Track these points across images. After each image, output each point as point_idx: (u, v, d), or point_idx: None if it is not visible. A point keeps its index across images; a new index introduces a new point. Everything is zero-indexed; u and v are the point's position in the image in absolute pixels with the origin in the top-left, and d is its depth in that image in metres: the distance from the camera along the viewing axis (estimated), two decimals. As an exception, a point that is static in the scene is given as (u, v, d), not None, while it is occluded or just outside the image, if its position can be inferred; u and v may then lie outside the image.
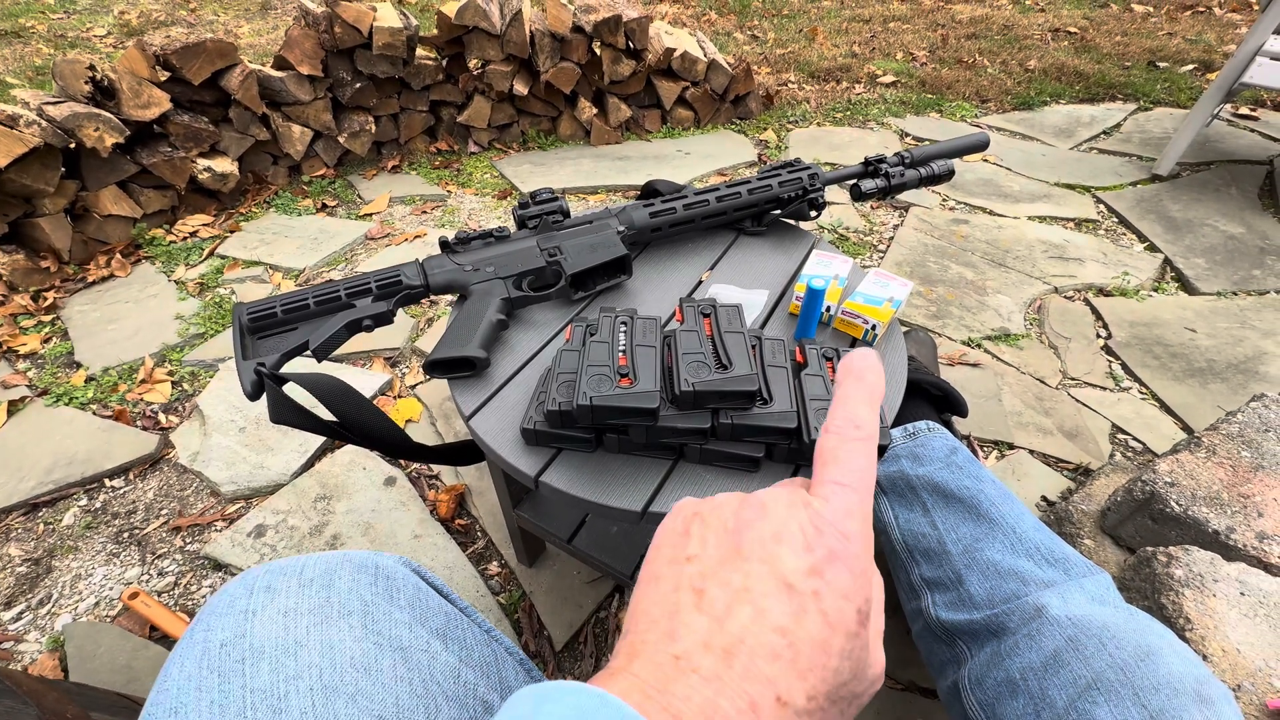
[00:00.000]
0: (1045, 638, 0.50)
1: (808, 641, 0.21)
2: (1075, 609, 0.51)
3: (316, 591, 0.33)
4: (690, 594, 0.22)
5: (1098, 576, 0.56)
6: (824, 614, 0.21)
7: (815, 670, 0.21)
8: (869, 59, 2.76)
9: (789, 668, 0.20)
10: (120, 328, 1.37)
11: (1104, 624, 0.48)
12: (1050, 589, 0.54)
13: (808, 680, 0.20)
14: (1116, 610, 0.51)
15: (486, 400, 0.56)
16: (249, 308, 0.60)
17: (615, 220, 0.70)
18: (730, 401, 0.47)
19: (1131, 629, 0.48)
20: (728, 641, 0.21)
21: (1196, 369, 1.25)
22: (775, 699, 0.20)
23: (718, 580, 0.22)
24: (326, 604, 0.32)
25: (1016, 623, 0.53)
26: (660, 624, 0.22)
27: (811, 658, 0.21)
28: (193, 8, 3.69)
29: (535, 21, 1.93)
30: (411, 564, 0.39)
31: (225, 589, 0.33)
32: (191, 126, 1.65)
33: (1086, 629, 0.48)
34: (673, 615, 0.22)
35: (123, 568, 0.95)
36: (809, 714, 0.20)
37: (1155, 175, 1.87)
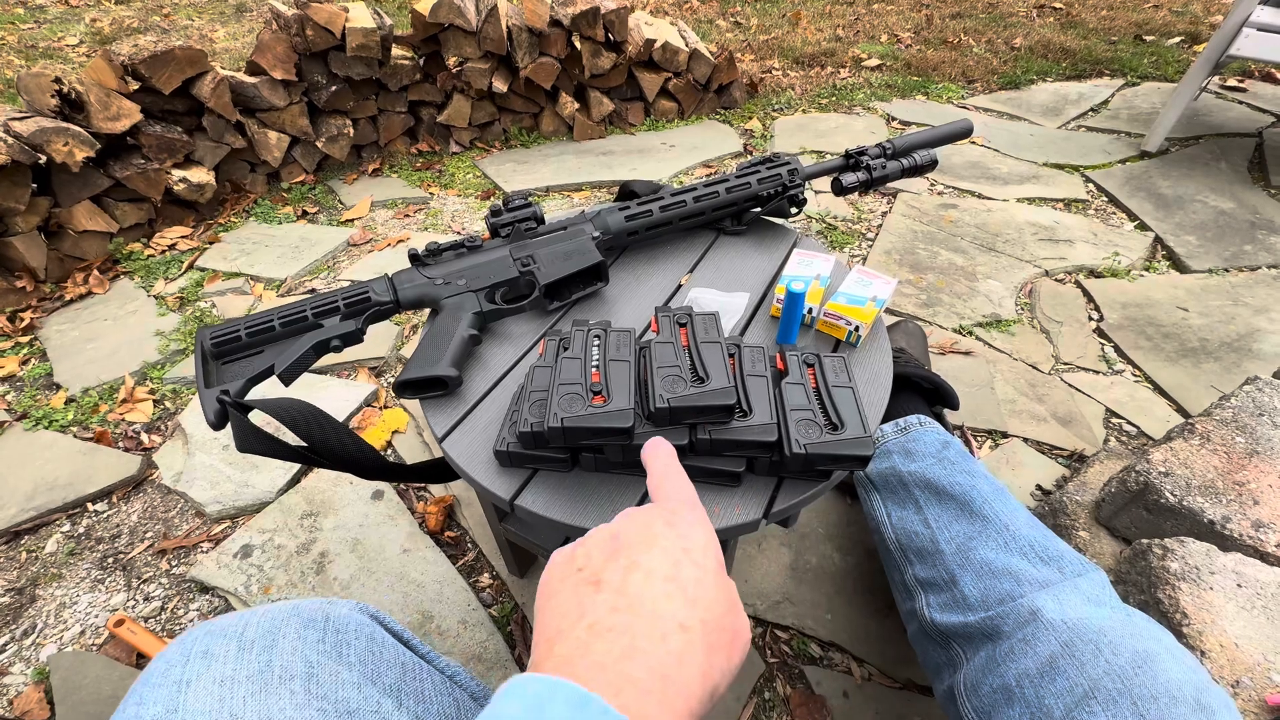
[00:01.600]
0: (1040, 643, 0.48)
1: (690, 581, 0.27)
2: (1071, 611, 0.50)
3: (257, 655, 0.31)
4: (588, 586, 0.27)
5: (1093, 575, 0.55)
6: (695, 562, 0.28)
7: (700, 600, 0.27)
8: (853, 42, 2.73)
9: (681, 602, 0.26)
10: (100, 346, 1.35)
11: (1100, 628, 0.47)
12: (1045, 590, 0.53)
13: (697, 608, 0.26)
14: (1113, 612, 0.50)
15: (459, 420, 0.54)
16: (211, 332, 0.58)
17: (590, 225, 0.68)
18: (708, 416, 0.46)
19: (1128, 633, 0.47)
20: (629, 600, 0.26)
21: (1189, 349, 1.24)
22: (679, 626, 0.25)
23: (608, 569, 0.28)
24: (267, 669, 0.30)
25: (1011, 626, 0.52)
26: (569, 614, 0.26)
27: (695, 592, 0.27)
28: (166, 13, 3.63)
29: (512, 16, 1.89)
30: (368, 609, 0.38)
31: (163, 654, 0.32)
32: (164, 137, 1.62)
33: (1082, 634, 0.47)
34: (579, 604, 0.26)
35: (108, 594, 0.94)
36: (705, 634, 0.26)
37: (1144, 152, 1.86)
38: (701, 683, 0.24)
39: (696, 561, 0.28)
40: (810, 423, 0.47)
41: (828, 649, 0.84)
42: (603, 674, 0.23)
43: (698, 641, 0.25)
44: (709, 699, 0.25)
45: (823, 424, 0.47)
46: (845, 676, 0.81)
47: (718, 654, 0.26)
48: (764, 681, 0.81)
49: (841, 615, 0.87)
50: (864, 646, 0.84)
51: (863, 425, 0.46)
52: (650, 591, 0.26)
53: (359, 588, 0.91)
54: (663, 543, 0.28)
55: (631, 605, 0.25)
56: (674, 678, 0.24)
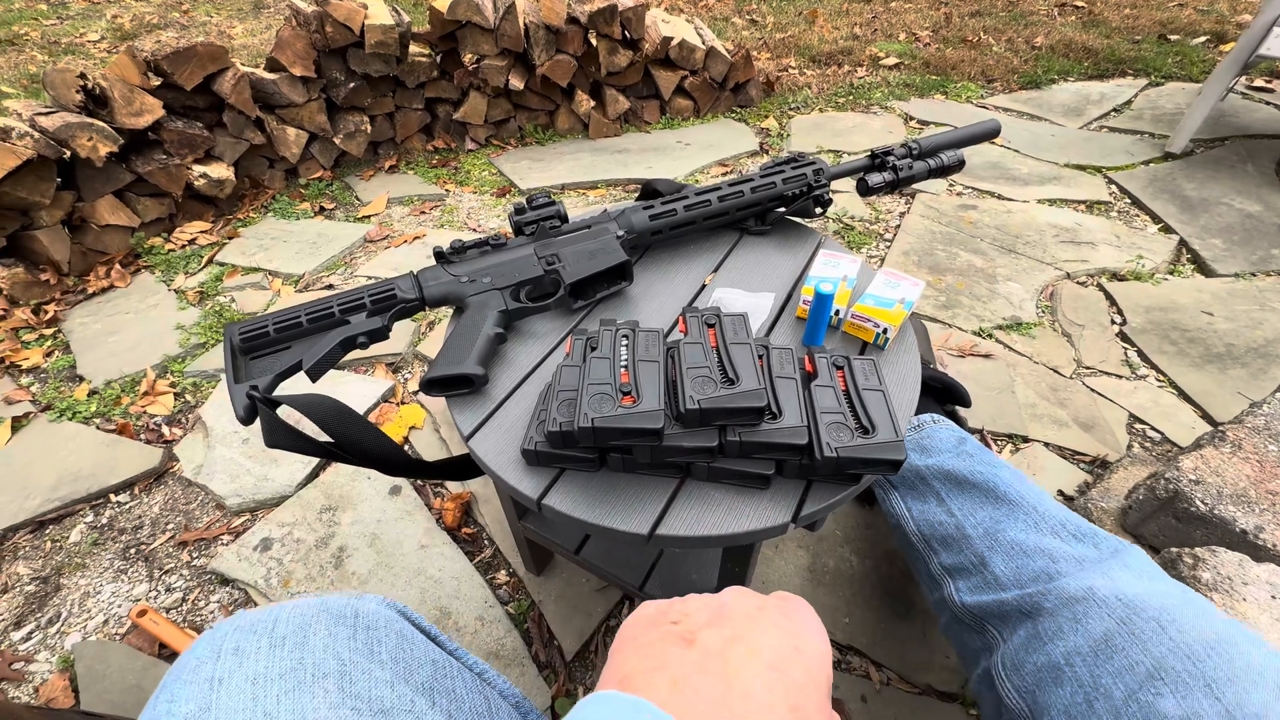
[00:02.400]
0: (1093, 619, 0.46)
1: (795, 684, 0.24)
2: (1125, 587, 0.47)
3: (289, 652, 0.30)
4: (678, 640, 0.25)
5: (1134, 551, 0.53)
6: (806, 667, 0.25)
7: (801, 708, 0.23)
8: (871, 41, 2.70)
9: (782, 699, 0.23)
10: (121, 339, 1.37)
11: (1161, 605, 0.44)
12: (1089, 567, 0.51)
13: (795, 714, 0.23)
14: (1169, 587, 0.47)
15: (486, 419, 0.54)
16: (240, 327, 0.58)
17: (614, 224, 0.68)
18: (738, 418, 0.45)
19: (1195, 613, 0.44)
20: (725, 670, 0.23)
21: (1215, 354, 1.22)
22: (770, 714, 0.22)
23: (709, 631, 0.25)
24: (299, 666, 0.30)
25: (1055, 603, 0.49)
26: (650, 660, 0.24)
27: (799, 697, 0.24)
28: (185, 9, 3.66)
29: (529, 14, 1.89)
30: (396, 605, 0.37)
31: (193, 649, 0.31)
32: (186, 133, 1.63)
33: (1141, 610, 0.44)
34: (662, 654, 0.24)
35: (130, 584, 0.95)
36: None
37: (1168, 153, 1.83)
38: None
39: (808, 667, 0.25)
40: (841, 426, 0.46)
41: (846, 652, 0.84)
42: None
43: None
44: None
45: (853, 427, 0.46)
46: (864, 681, 0.81)
47: None
48: (781, 684, 0.81)
49: (859, 619, 0.86)
50: (883, 650, 0.83)
51: (894, 428, 0.46)
52: (750, 671, 0.23)
53: (377, 583, 0.91)
54: (774, 630, 0.26)
55: (726, 675, 0.23)
56: None
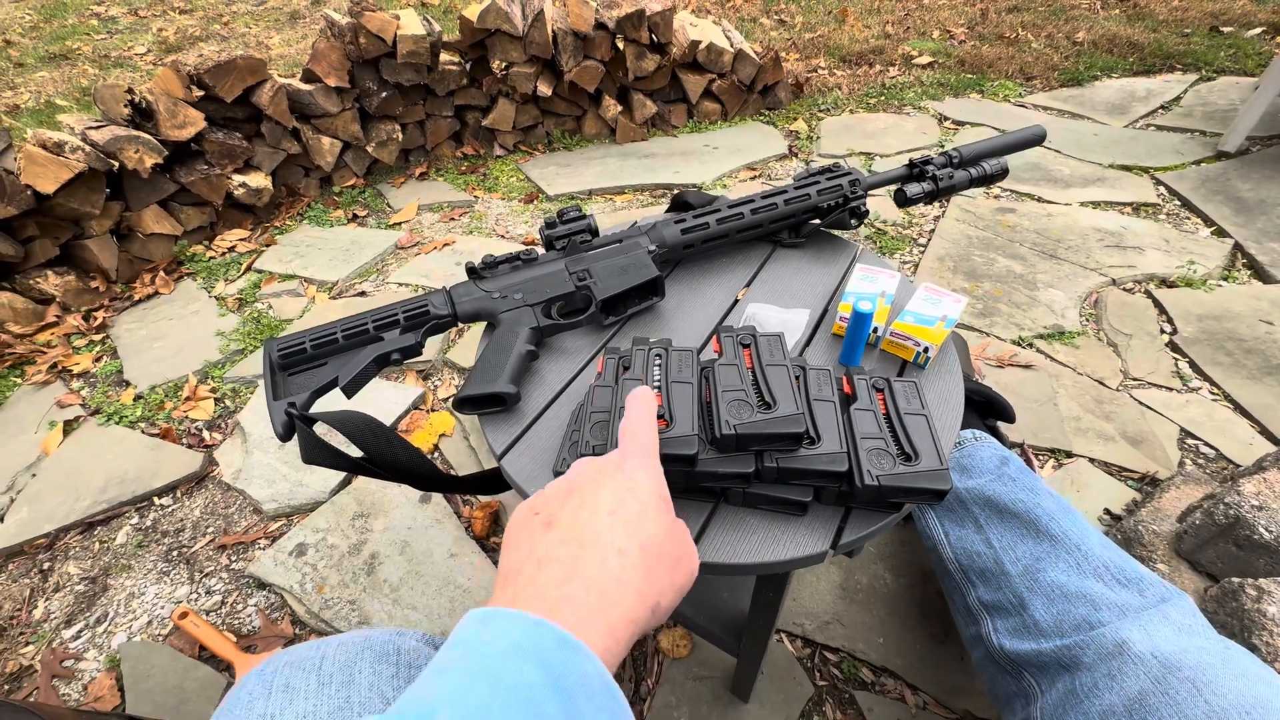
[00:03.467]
0: (1128, 678, 0.45)
1: (631, 513, 0.31)
2: (1162, 644, 0.46)
3: (336, 691, 0.31)
4: (541, 527, 0.31)
5: (1179, 601, 0.51)
6: (638, 498, 0.32)
7: (640, 530, 0.30)
8: (903, 39, 2.64)
9: (622, 531, 0.30)
10: (165, 345, 1.41)
11: (1198, 664, 0.44)
12: (1129, 618, 0.49)
13: (637, 536, 0.30)
14: (1209, 643, 0.46)
15: (518, 438, 0.54)
16: (279, 344, 0.59)
17: (645, 239, 0.67)
18: (775, 444, 0.44)
19: (1231, 673, 0.43)
20: (576, 533, 0.29)
21: (1275, 366, 1.15)
22: (618, 550, 0.29)
23: (562, 511, 0.31)
24: (346, 705, 0.31)
25: (1093, 658, 0.49)
26: (522, 550, 0.30)
27: (636, 523, 0.31)
28: (225, 21, 3.78)
29: (557, 20, 1.90)
30: (435, 641, 0.38)
31: (244, 684, 0.32)
32: (226, 143, 1.68)
33: (1176, 670, 0.44)
34: (530, 542, 0.30)
35: (173, 586, 0.98)
36: (643, 559, 0.29)
37: (1221, 152, 1.74)
38: (640, 599, 0.28)
39: (639, 498, 0.32)
40: (882, 452, 0.45)
41: (880, 674, 0.82)
42: (543, 599, 0.26)
43: (636, 563, 0.28)
44: (650, 613, 0.28)
45: (895, 454, 0.45)
46: (899, 704, 0.79)
47: (658, 574, 0.29)
48: (813, 705, 0.79)
49: (894, 639, 0.84)
50: (918, 674, 0.81)
51: (939, 456, 0.44)
52: (595, 524, 0.30)
53: (408, 590, 0.92)
54: (610, 483, 0.32)
55: (577, 537, 0.29)
56: (611, 594, 0.27)
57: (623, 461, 0.34)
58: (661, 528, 0.31)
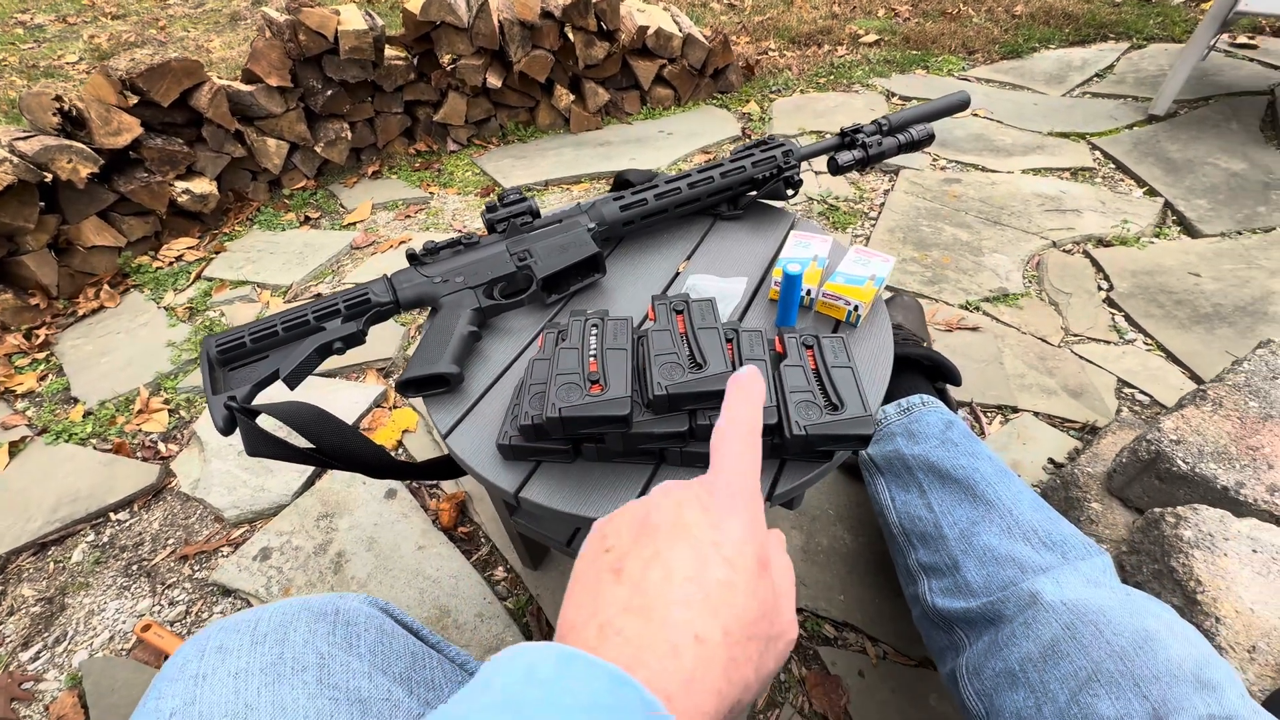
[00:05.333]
0: (1042, 626, 0.48)
1: (714, 584, 0.24)
2: (1070, 593, 0.50)
3: (269, 648, 0.32)
4: (609, 574, 0.25)
5: (1095, 559, 0.55)
6: (726, 560, 0.25)
7: (725, 607, 0.23)
8: (850, 19, 2.68)
9: (701, 609, 0.23)
10: (113, 359, 1.37)
11: (1100, 608, 0.47)
12: (1045, 574, 0.53)
13: (720, 617, 0.23)
14: (1113, 592, 0.50)
15: (463, 416, 0.55)
16: (217, 340, 0.58)
17: (585, 217, 0.68)
18: (706, 402, 0.46)
19: (1128, 612, 0.46)
20: (645, 601, 0.23)
21: (1203, 315, 1.22)
22: (694, 638, 0.22)
23: (633, 555, 0.25)
24: (279, 661, 0.31)
25: (1013, 610, 0.52)
26: (585, 606, 0.24)
27: (720, 597, 0.24)
28: (162, 25, 3.64)
29: (503, 11, 1.88)
30: (379, 602, 0.38)
31: (180, 650, 0.33)
32: (166, 149, 1.63)
33: (1083, 614, 0.47)
34: (595, 596, 0.24)
35: (134, 600, 0.96)
36: (726, 648, 0.23)
37: (1152, 116, 1.82)
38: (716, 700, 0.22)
39: (727, 558, 0.24)
40: (810, 404, 0.47)
41: (842, 629, 0.85)
42: None
43: (716, 655, 0.22)
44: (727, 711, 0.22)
45: (823, 405, 0.47)
46: (860, 656, 0.82)
47: (742, 667, 0.23)
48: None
49: (854, 595, 0.87)
50: (878, 626, 0.84)
51: (863, 405, 0.46)
52: (668, 594, 0.23)
53: (376, 585, 0.92)
54: (693, 533, 0.25)
55: (646, 606, 0.23)
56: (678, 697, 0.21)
57: (710, 500, 0.26)
58: (755, 603, 0.24)
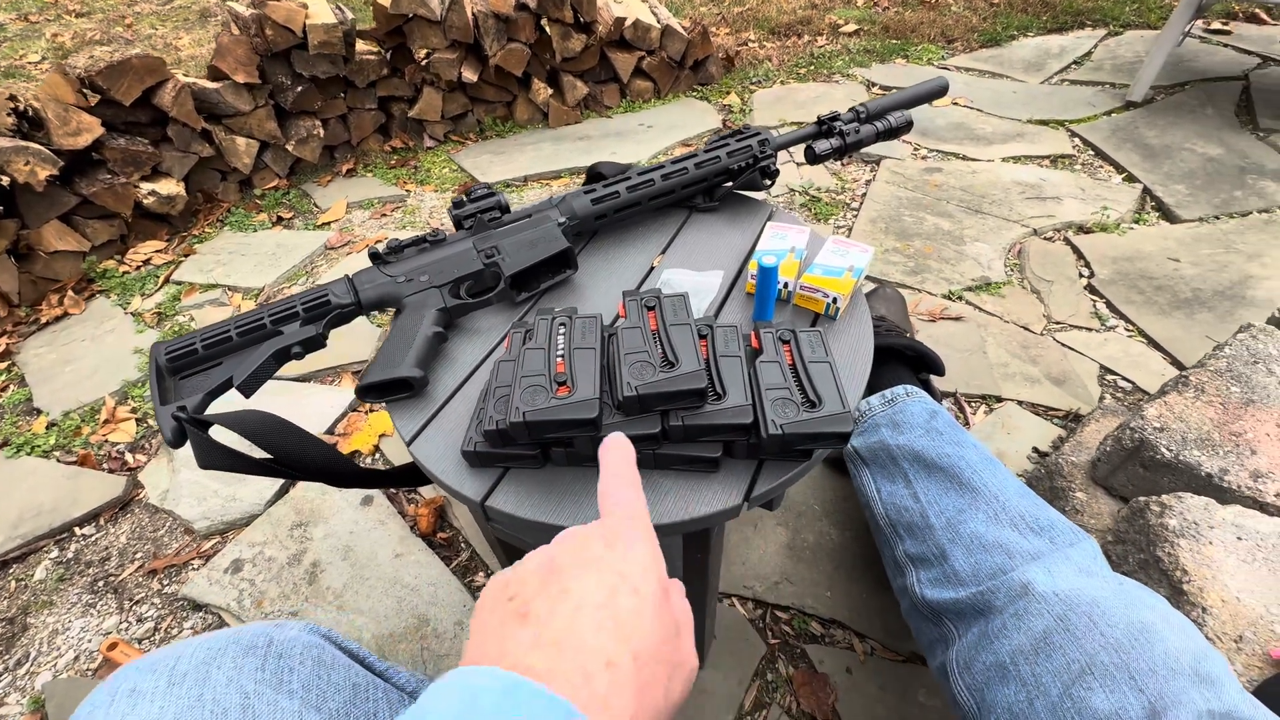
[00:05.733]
0: (1034, 617, 0.47)
1: (624, 610, 0.24)
2: (1062, 583, 0.48)
3: (188, 689, 0.29)
4: (514, 619, 0.24)
5: (1083, 545, 0.54)
6: (633, 588, 0.25)
7: (635, 632, 0.24)
8: (829, 8, 2.67)
9: (612, 635, 0.23)
10: (78, 368, 1.33)
11: (1093, 599, 0.46)
12: (1035, 562, 0.52)
13: (630, 642, 0.23)
14: (1105, 582, 0.49)
15: (428, 422, 0.52)
16: (166, 347, 0.56)
17: (555, 211, 0.66)
18: (678, 401, 0.44)
19: (1123, 603, 0.45)
20: (555, 635, 0.23)
21: (1183, 300, 1.22)
22: (605, 663, 0.22)
23: (540, 598, 0.25)
24: (198, 704, 0.29)
25: (1003, 601, 0.51)
26: (490, 652, 0.24)
27: (630, 623, 0.24)
28: (128, 23, 3.55)
29: (477, 3, 1.84)
30: (320, 630, 0.36)
31: (91, 695, 0.30)
32: (129, 150, 1.58)
33: (1075, 606, 0.46)
34: (500, 641, 0.24)
35: (100, 618, 0.92)
36: (636, 672, 0.23)
37: (1129, 102, 1.82)
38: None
39: (635, 588, 0.25)
40: (787, 401, 0.45)
41: (829, 626, 0.84)
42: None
43: (628, 679, 0.22)
44: None
45: (800, 402, 0.45)
46: (848, 653, 0.81)
47: (652, 690, 0.23)
48: (765, 663, 0.80)
49: (841, 591, 0.86)
50: (865, 622, 0.83)
51: (841, 401, 0.45)
52: (579, 623, 0.23)
53: (352, 595, 0.90)
54: (599, 567, 0.26)
55: (557, 639, 0.23)
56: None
57: (613, 537, 0.27)
58: (660, 627, 0.25)
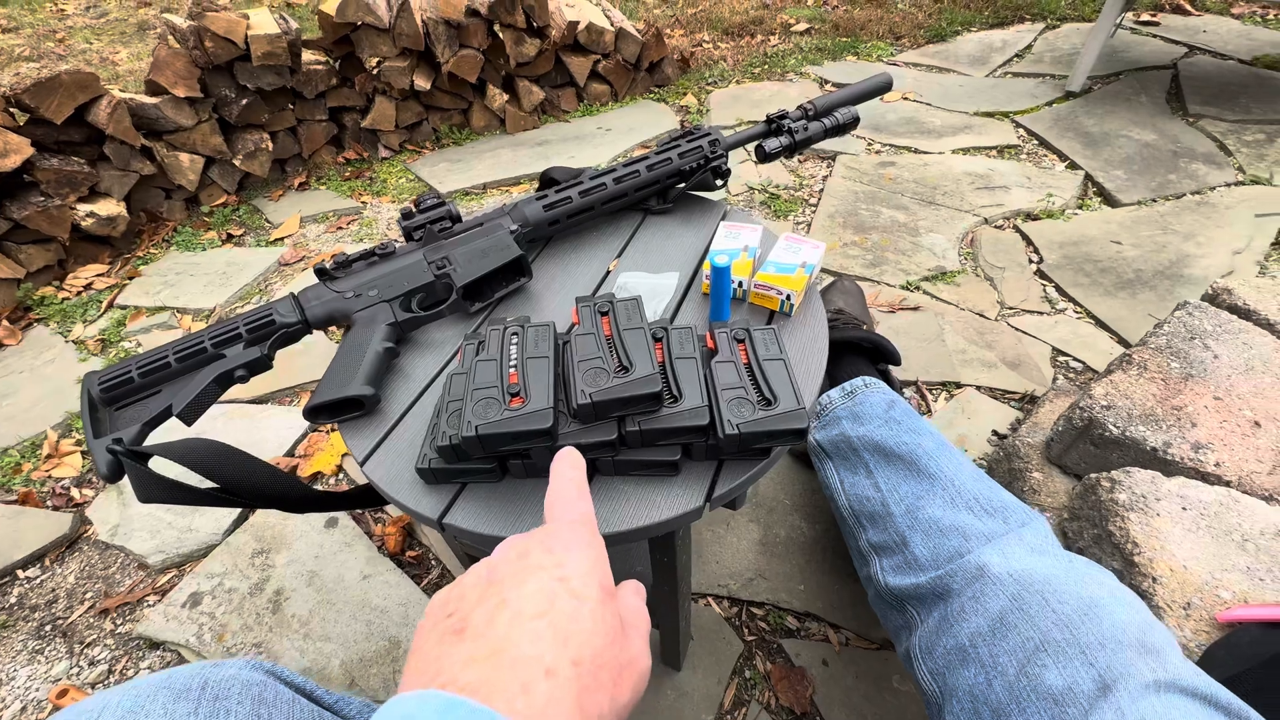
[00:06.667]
0: (990, 599, 0.48)
1: (562, 615, 0.24)
2: (1016, 563, 0.50)
3: None
4: (451, 636, 0.24)
5: (1035, 524, 0.55)
6: (572, 592, 0.25)
7: (574, 637, 0.23)
8: (781, 8, 2.71)
9: (551, 642, 0.23)
10: (17, 401, 1.26)
11: (1045, 578, 0.47)
12: (990, 544, 0.53)
13: (569, 648, 0.23)
14: (1056, 560, 0.50)
15: (381, 440, 0.51)
16: (99, 376, 0.53)
17: (508, 219, 0.65)
18: (634, 407, 0.44)
19: (1072, 580, 0.46)
20: (492, 647, 0.22)
21: (1126, 281, 1.27)
22: (544, 672, 0.22)
23: (478, 611, 0.24)
24: None
25: (960, 584, 0.51)
26: (426, 672, 0.23)
27: (569, 628, 0.23)
28: (61, 38, 3.39)
29: (426, 9, 1.81)
30: (264, 666, 0.34)
31: None
32: (63, 170, 1.51)
33: (1029, 585, 0.47)
34: (436, 660, 0.23)
35: (48, 664, 0.88)
36: (577, 678, 0.22)
37: (1069, 92, 1.89)
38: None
39: (574, 591, 0.25)
40: (743, 401, 0.45)
41: (804, 619, 0.84)
42: None
43: (568, 687, 0.22)
44: None
45: (755, 401, 0.45)
46: (823, 645, 0.81)
47: (595, 695, 0.22)
48: (743, 661, 0.81)
49: (815, 584, 0.87)
50: (839, 613, 0.84)
51: (796, 398, 0.45)
52: (517, 633, 0.23)
53: (319, 622, 0.87)
54: (538, 573, 0.25)
55: (492, 652, 0.22)
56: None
57: (552, 542, 0.27)
58: (603, 629, 0.24)
